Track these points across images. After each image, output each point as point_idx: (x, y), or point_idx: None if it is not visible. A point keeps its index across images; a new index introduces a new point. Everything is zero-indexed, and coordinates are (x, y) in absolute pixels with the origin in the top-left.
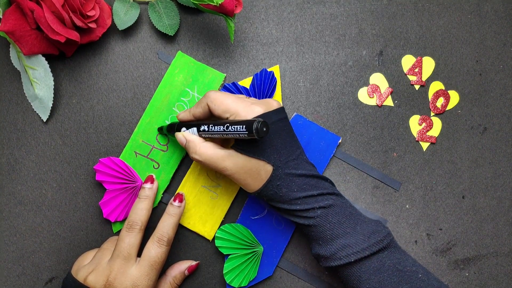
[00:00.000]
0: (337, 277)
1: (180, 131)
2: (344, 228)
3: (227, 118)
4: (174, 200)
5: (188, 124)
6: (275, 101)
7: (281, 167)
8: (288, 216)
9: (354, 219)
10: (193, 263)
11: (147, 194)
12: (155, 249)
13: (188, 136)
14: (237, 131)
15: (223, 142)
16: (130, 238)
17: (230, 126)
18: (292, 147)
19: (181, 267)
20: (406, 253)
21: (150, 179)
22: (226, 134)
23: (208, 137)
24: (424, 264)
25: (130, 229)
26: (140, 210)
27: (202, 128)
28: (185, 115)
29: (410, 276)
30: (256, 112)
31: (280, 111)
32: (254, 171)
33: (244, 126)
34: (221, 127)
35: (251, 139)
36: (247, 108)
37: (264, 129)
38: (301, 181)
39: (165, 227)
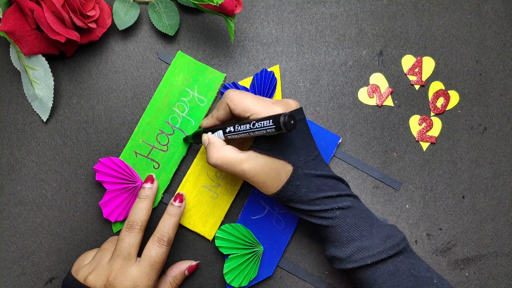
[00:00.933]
0: (351, 279)
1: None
2: (360, 230)
3: (248, 118)
4: (175, 200)
5: (214, 129)
6: (293, 101)
7: (300, 167)
8: (306, 217)
9: (370, 222)
10: (193, 263)
11: (147, 194)
12: (156, 249)
13: (211, 138)
14: (263, 126)
15: (243, 147)
16: (130, 238)
17: (256, 123)
18: (310, 148)
19: (181, 267)
20: (420, 258)
21: (150, 179)
22: (253, 131)
23: (235, 138)
24: None
25: (130, 229)
26: (140, 210)
27: (228, 130)
28: (208, 121)
29: (424, 281)
30: (276, 111)
31: (299, 111)
32: (274, 171)
33: (271, 121)
34: (247, 125)
35: (274, 135)
36: (267, 108)
37: (292, 122)
38: (320, 181)
39: (166, 227)
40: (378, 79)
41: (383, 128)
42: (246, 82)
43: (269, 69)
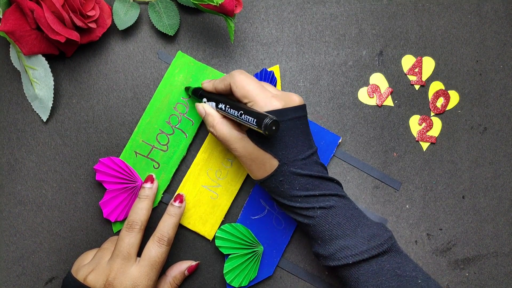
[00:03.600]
0: (337, 276)
1: (201, 100)
2: (343, 229)
3: (245, 103)
4: (175, 201)
5: (209, 96)
6: (297, 97)
7: (287, 164)
8: (288, 212)
9: (356, 221)
10: (193, 263)
11: (147, 194)
12: (155, 249)
13: (208, 109)
14: (247, 121)
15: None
16: (130, 237)
17: (243, 115)
18: (303, 147)
19: (181, 267)
20: (408, 258)
21: (150, 179)
22: (239, 120)
23: (222, 114)
24: (424, 264)
25: (130, 229)
26: (140, 210)
27: (220, 106)
28: (208, 85)
29: (409, 281)
30: (273, 106)
31: (300, 108)
32: (260, 161)
33: (255, 120)
34: (236, 112)
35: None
36: (266, 100)
37: (274, 127)
38: (305, 180)
39: (166, 227)
40: (378, 79)
41: (383, 128)
42: None
43: (269, 69)
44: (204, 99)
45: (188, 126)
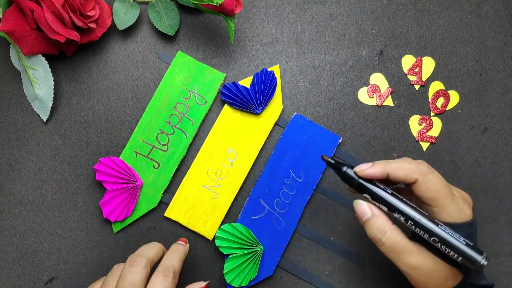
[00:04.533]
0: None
1: (360, 190)
2: None
3: (428, 205)
4: (180, 240)
5: (371, 186)
6: (467, 196)
7: (470, 277)
8: None
9: None
10: (203, 284)
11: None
12: (160, 282)
13: (375, 210)
14: (453, 253)
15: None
16: (132, 275)
17: (445, 245)
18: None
19: None
20: None
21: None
22: (432, 244)
23: (400, 221)
24: None
25: (134, 264)
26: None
27: (397, 215)
28: (376, 170)
29: None
30: (466, 216)
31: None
32: (442, 277)
33: (467, 257)
34: (426, 235)
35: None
36: (457, 209)
37: (487, 263)
38: None
39: (170, 259)
40: (378, 79)
41: (383, 128)
42: (246, 82)
43: (269, 69)
44: (367, 195)
45: (188, 126)
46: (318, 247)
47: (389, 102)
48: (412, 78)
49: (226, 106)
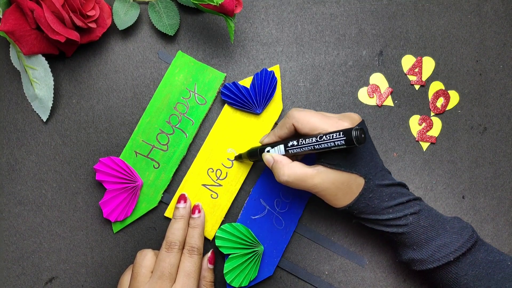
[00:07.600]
0: (430, 278)
1: (262, 150)
2: (436, 230)
3: (313, 136)
4: (193, 213)
5: (272, 144)
6: (356, 114)
7: (371, 179)
8: (378, 227)
9: (441, 219)
10: (208, 253)
11: (182, 214)
12: (188, 261)
13: (276, 156)
14: (332, 139)
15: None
16: (170, 258)
17: (324, 136)
18: (377, 158)
19: (202, 266)
20: (489, 244)
21: (182, 198)
22: (319, 145)
23: (296, 153)
24: None
25: (170, 249)
26: (177, 230)
27: (290, 144)
28: (269, 138)
29: (500, 265)
30: (344, 127)
31: (362, 123)
32: (345, 185)
33: (341, 134)
34: (313, 138)
35: (341, 150)
36: (336, 124)
37: (363, 135)
38: (390, 190)
39: (192, 238)
40: (378, 79)
41: (383, 128)
42: (246, 82)
43: (269, 69)
44: (268, 148)
45: (188, 125)
46: (318, 247)
47: (389, 102)
48: (412, 78)
49: (226, 106)
